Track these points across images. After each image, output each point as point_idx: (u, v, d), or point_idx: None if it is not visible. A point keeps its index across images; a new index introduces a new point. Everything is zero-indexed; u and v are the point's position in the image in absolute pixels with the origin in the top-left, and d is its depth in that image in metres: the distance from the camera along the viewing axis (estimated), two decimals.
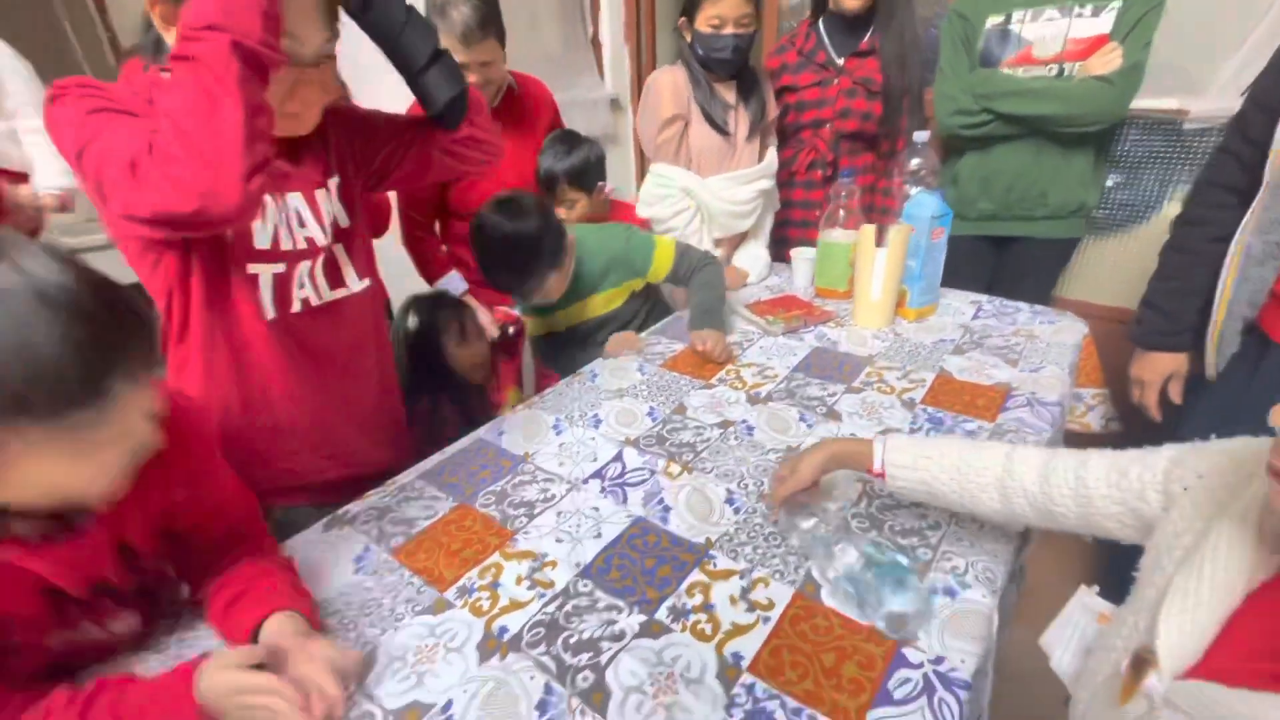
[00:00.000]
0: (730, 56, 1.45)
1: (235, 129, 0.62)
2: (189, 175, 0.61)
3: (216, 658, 0.59)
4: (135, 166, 0.62)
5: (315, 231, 0.87)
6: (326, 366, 0.94)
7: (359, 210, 0.94)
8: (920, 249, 1.31)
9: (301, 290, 0.88)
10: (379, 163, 0.94)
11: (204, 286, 0.80)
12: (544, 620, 0.71)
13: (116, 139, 0.66)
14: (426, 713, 0.62)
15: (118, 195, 0.65)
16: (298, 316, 0.88)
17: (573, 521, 0.87)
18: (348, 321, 0.96)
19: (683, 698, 0.62)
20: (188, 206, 0.62)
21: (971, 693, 0.63)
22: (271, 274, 0.84)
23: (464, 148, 0.94)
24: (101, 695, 0.57)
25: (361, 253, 0.96)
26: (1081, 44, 1.46)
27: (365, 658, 0.67)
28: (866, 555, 0.72)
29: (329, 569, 0.81)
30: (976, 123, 1.55)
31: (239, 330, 0.85)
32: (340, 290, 0.93)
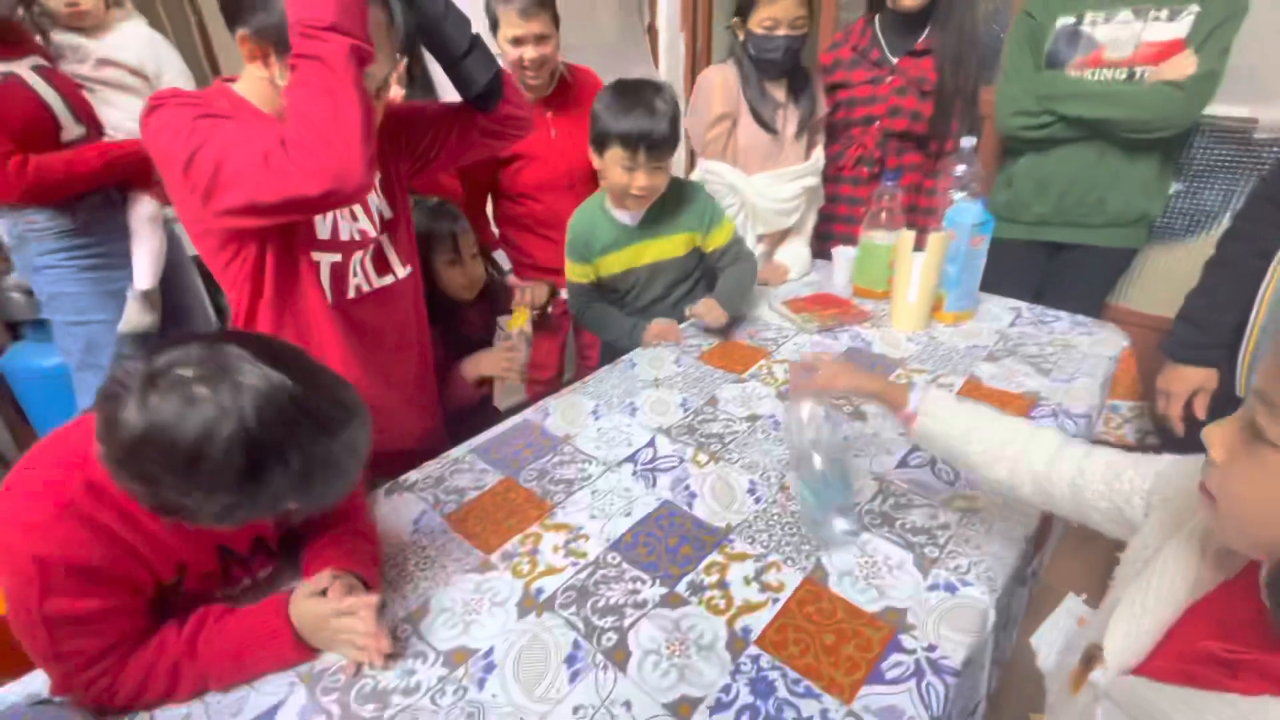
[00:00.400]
0: (781, 58, 1.48)
1: (356, 120, 0.73)
2: (322, 163, 0.72)
3: (299, 590, 0.71)
4: (269, 159, 0.73)
5: (366, 224, 0.96)
6: (377, 347, 1.04)
7: (401, 202, 1.03)
8: (959, 255, 1.33)
9: (355, 278, 0.98)
10: (421, 150, 1.03)
11: (276, 273, 0.90)
12: (576, 585, 0.80)
13: (238, 137, 0.75)
14: (472, 655, 0.72)
15: (241, 186, 0.74)
16: (352, 302, 0.98)
17: (606, 500, 0.95)
18: (395, 306, 1.06)
19: (694, 661, 0.70)
20: (320, 188, 0.73)
21: (960, 681, 0.69)
22: (330, 263, 0.93)
23: (502, 125, 1.03)
24: (206, 625, 0.69)
25: (405, 241, 1.05)
26: (1155, 48, 1.42)
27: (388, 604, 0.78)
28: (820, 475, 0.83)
29: (391, 529, 0.91)
30: (1038, 124, 1.53)
31: (305, 313, 0.95)
32: (388, 277, 1.03)
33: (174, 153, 0.75)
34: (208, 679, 0.67)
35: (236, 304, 0.93)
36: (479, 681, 0.69)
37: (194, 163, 0.75)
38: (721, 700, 0.66)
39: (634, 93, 1.25)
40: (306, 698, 0.68)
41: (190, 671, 0.66)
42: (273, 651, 0.69)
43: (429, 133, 1.02)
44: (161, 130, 0.77)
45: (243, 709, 0.67)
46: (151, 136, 0.78)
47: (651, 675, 0.69)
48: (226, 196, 0.75)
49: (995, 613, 0.76)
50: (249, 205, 0.75)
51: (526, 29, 1.43)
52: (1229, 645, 0.44)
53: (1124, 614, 0.51)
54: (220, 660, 0.67)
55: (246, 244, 0.86)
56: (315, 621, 0.69)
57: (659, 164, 1.27)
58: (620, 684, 0.68)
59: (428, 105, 1.05)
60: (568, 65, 1.64)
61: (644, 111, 1.22)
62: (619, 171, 1.28)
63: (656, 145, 1.24)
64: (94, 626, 0.63)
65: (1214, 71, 1.36)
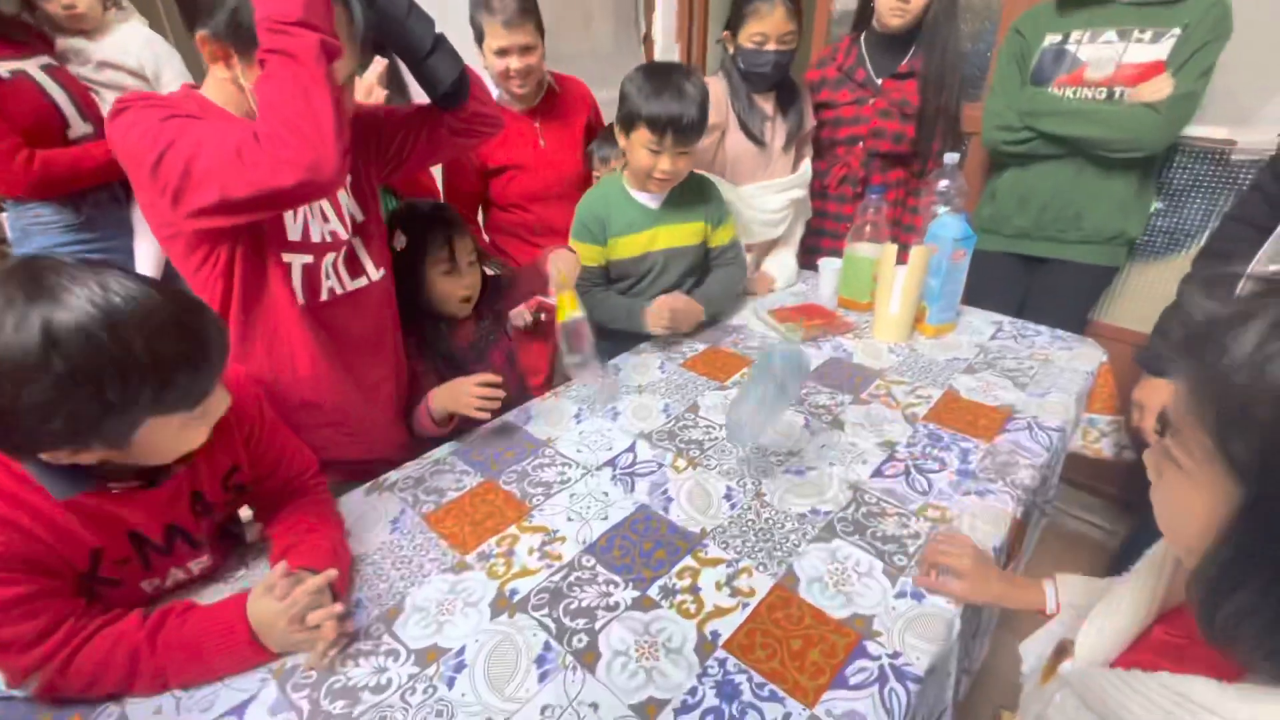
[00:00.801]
0: (770, 72, 1.50)
1: (328, 112, 0.74)
2: (295, 153, 0.73)
3: (255, 588, 0.72)
4: (241, 153, 0.73)
5: (338, 226, 0.97)
6: (350, 350, 1.04)
7: (373, 205, 1.04)
8: (942, 269, 1.35)
9: (328, 281, 0.98)
10: (392, 152, 1.04)
11: (246, 274, 0.90)
12: (549, 587, 0.81)
13: (207, 136, 0.76)
14: (443, 655, 0.72)
15: (212, 183, 0.74)
16: (325, 305, 0.98)
17: (584, 503, 0.96)
18: (368, 309, 1.06)
19: (662, 664, 0.71)
20: (294, 179, 0.73)
21: (923, 688, 0.70)
22: (301, 264, 0.94)
23: (471, 123, 1.03)
24: (169, 619, 0.70)
25: (376, 244, 1.06)
26: (1136, 69, 1.45)
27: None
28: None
29: (369, 527, 0.92)
30: (1019, 139, 1.56)
31: (274, 314, 0.94)
32: (360, 279, 1.03)
33: (141, 154, 0.75)
34: (167, 674, 0.68)
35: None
36: (449, 680, 0.70)
37: (163, 162, 0.75)
38: (687, 703, 0.67)
39: (664, 75, 1.25)
40: (277, 693, 0.68)
41: (149, 664, 0.67)
42: (230, 649, 0.69)
43: (398, 134, 1.03)
44: (128, 132, 0.77)
45: (214, 704, 0.67)
46: (119, 139, 0.78)
47: (620, 677, 0.70)
48: (197, 195, 0.75)
49: (961, 621, 0.77)
50: (221, 202, 0.75)
51: (511, 39, 1.45)
52: (1174, 631, 0.46)
53: (1099, 612, 0.53)
54: (180, 656, 0.68)
55: (217, 245, 0.86)
56: (268, 621, 0.70)
57: (685, 149, 1.28)
58: (589, 685, 0.69)
59: (397, 108, 1.06)
60: (555, 75, 1.66)
61: (674, 94, 1.22)
62: (644, 154, 1.29)
63: (684, 130, 1.25)
64: (23, 610, 0.63)
65: (1192, 93, 1.39)
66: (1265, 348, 0.34)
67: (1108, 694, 0.46)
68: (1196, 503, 0.39)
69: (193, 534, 0.78)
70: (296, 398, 1.01)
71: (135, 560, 0.73)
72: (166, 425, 0.64)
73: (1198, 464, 0.39)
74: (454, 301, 1.19)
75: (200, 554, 0.81)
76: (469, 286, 1.19)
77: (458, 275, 1.17)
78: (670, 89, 1.23)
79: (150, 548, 0.74)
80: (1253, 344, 0.35)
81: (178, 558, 0.78)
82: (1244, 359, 0.35)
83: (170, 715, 0.66)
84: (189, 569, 0.80)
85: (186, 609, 0.71)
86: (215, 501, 0.80)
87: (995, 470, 1.00)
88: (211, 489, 0.79)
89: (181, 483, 0.75)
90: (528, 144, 1.62)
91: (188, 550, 0.79)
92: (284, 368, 0.98)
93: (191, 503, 0.77)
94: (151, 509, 0.72)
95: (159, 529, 0.74)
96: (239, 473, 0.82)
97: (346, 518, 0.93)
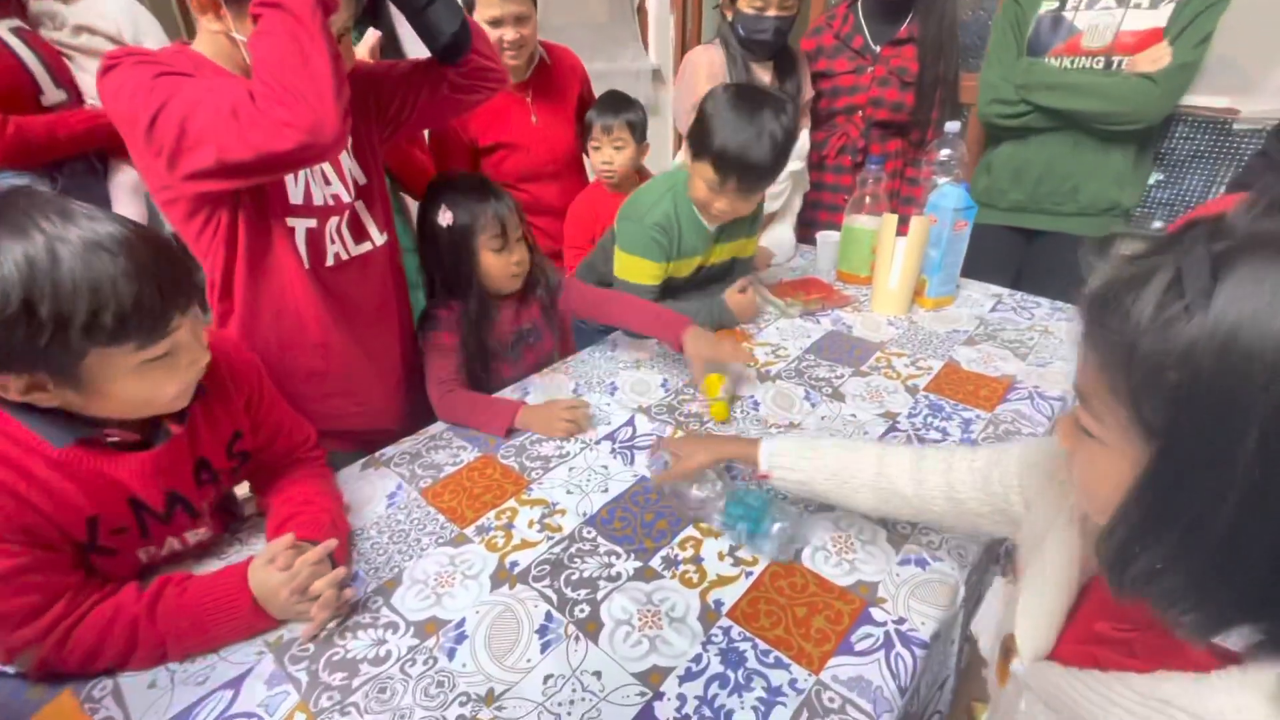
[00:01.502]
0: (770, 38, 1.47)
1: (326, 69, 0.70)
2: (294, 115, 0.70)
3: (257, 558, 0.70)
4: (237, 113, 0.70)
5: (340, 189, 0.94)
6: (357, 316, 1.03)
7: (374, 167, 1.01)
8: (942, 240, 1.33)
9: (333, 245, 0.96)
10: (393, 112, 1.00)
11: (249, 239, 0.88)
12: (550, 559, 0.80)
13: (202, 93, 0.72)
14: (442, 626, 0.71)
15: (209, 145, 0.71)
16: (331, 270, 0.97)
17: (583, 476, 0.95)
18: (374, 274, 1.04)
19: (665, 633, 0.70)
20: (293, 142, 0.70)
21: (929, 653, 0.69)
22: (305, 228, 0.92)
23: (473, 78, 0.99)
24: (167, 589, 0.68)
25: (380, 208, 1.03)
26: (1134, 37, 1.43)
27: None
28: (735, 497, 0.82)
29: (366, 502, 0.91)
30: (1014, 113, 1.54)
31: (279, 279, 0.92)
32: (365, 244, 1.01)
33: (135, 114, 0.72)
34: (166, 645, 0.66)
35: (211, 273, 0.91)
36: (449, 651, 0.68)
37: (158, 123, 0.72)
38: (691, 670, 0.66)
39: (752, 107, 1.09)
40: (274, 666, 0.67)
41: (149, 635, 0.65)
42: (232, 618, 0.68)
43: (398, 93, 0.99)
44: (120, 90, 0.73)
45: (209, 677, 0.66)
46: (110, 97, 0.75)
47: (623, 646, 0.69)
48: (194, 158, 0.72)
49: (965, 588, 0.77)
50: (218, 165, 0.72)
51: (504, 9, 1.40)
52: (1119, 624, 0.45)
53: (1026, 602, 0.52)
54: (180, 626, 0.66)
55: (217, 209, 0.84)
56: (270, 591, 0.68)
57: (750, 196, 1.18)
58: (591, 654, 0.68)
59: (395, 65, 1.02)
60: (545, 45, 1.61)
61: (753, 136, 1.08)
62: (703, 186, 1.18)
63: (752, 178, 1.13)
64: (19, 582, 0.61)
65: (1190, 63, 1.37)
66: (1166, 309, 0.33)
67: (1079, 704, 0.44)
68: (1109, 468, 0.39)
69: (194, 503, 0.77)
70: (305, 366, 1.00)
71: (133, 528, 0.71)
72: (117, 362, 0.60)
73: (1108, 430, 0.38)
74: (504, 278, 1.15)
75: (198, 525, 0.79)
76: (519, 263, 1.15)
77: (508, 251, 1.13)
78: (753, 127, 1.08)
79: (149, 515, 0.72)
80: (1153, 305, 0.34)
81: (176, 526, 0.76)
82: (1147, 322, 0.34)
83: (165, 689, 0.65)
84: (185, 539, 0.78)
85: (185, 579, 0.70)
86: (221, 469, 0.79)
87: (997, 440, 0.99)
88: (216, 456, 0.78)
89: (183, 448, 0.73)
90: (520, 120, 1.57)
91: (187, 520, 0.77)
92: (293, 334, 0.96)
93: (196, 470, 0.76)
94: (151, 473, 0.70)
95: (159, 495, 0.72)
96: (242, 439, 0.81)
97: (342, 492, 0.92)
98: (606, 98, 1.58)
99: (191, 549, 0.80)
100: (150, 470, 0.70)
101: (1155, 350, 0.33)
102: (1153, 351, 0.33)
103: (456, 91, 1.00)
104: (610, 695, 0.64)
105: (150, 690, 0.65)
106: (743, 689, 0.64)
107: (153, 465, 0.70)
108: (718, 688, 0.64)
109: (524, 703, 0.63)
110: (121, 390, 0.62)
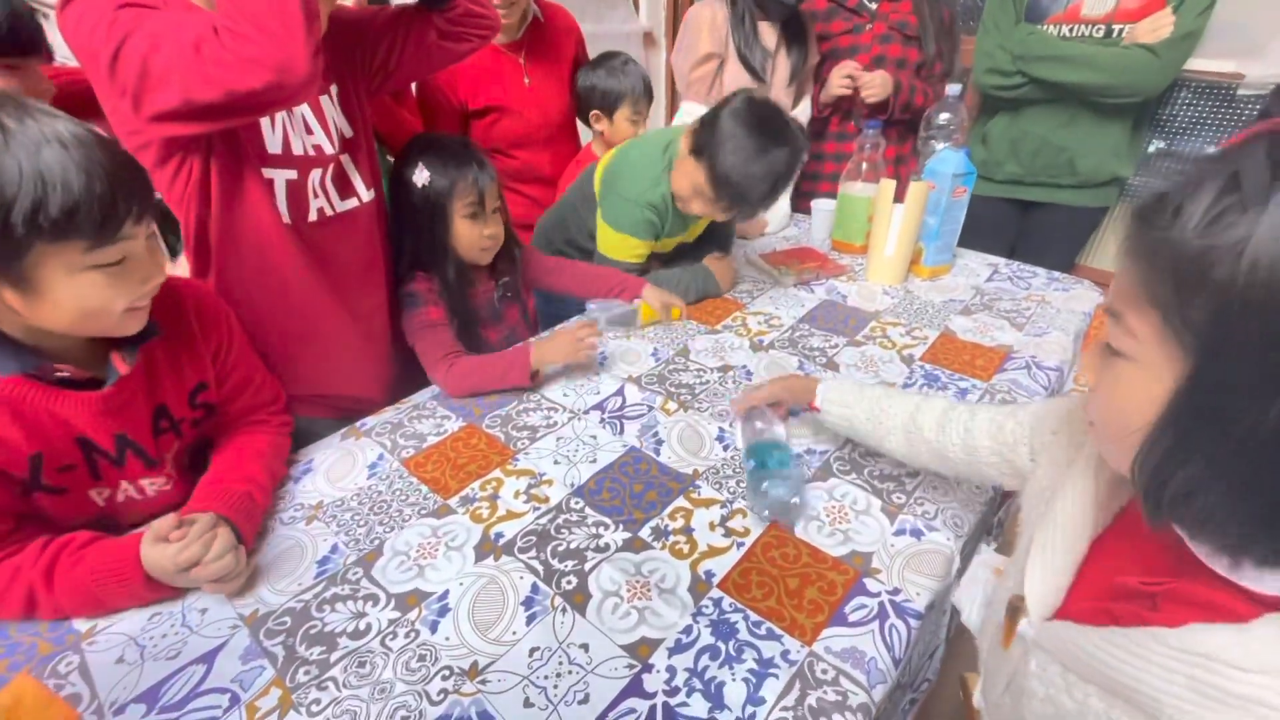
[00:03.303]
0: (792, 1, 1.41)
1: (297, 5, 0.65)
2: (262, 52, 0.65)
3: (146, 534, 0.66)
4: (200, 48, 0.65)
5: (323, 140, 0.89)
6: (342, 276, 0.99)
7: (361, 120, 0.96)
8: (940, 207, 1.30)
9: (316, 200, 0.91)
10: (379, 61, 0.95)
11: (223, 189, 0.83)
12: (536, 530, 0.78)
13: (165, 27, 0.67)
14: (425, 599, 0.69)
15: (173, 83, 0.67)
16: (314, 226, 0.92)
17: (571, 446, 0.92)
18: (360, 232, 1.00)
19: (655, 604, 0.68)
20: (261, 81, 0.66)
21: (923, 623, 0.68)
22: (285, 180, 0.87)
23: (462, 25, 0.94)
24: (63, 555, 0.65)
25: (366, 163, 0.98)
26: (1136, 3, 1.38)
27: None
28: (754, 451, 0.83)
29: (346, 471, 0.88)
30: (1010, 84, 1.50)
31: (259, 234, 0.88)
32: (351, 200, 0.97)
33: (96, 48, 0.67)
34: (65, 611, 0.65)
35: (185, 224, 0.86)
36: (431, 624, 0.66)
37: (120, 59, 0.67)
38: (681, 641, 0.64)
39: (761, 136, 1.04)
40: (249, 640, 0.65)
41: (47, 601, 0.64)
42: (128, 590, 0.66)
43: (383, 41, 0.94)
44: (80, 23, 0.68)
45: (180, 651, 0.63)
46: (70, 30, 0.69)
47: (611, 618, 0.67)
48: (159, 97, 0.68)
49: (960, 558, 0.75)
50: (184, 105, 0.68)
51: None
52: (1147, 578, 0.43)
53: (1037, 558, 0.50)
54: (75, 598, 0.65)
55: (190, 155, 0.79)
56: (159, 569, 0.65)
57: (732, 215, 1.17)
58: (579, 626, 0.66)
59: (380, 11, 0.97)
60: (540, 3, 1.53)
61: (761, 168, 1.05)
62: (689, 186, 1.14)
63: (748, 205, 1.12)
64: None
65: (1192, 33, 1.33)
66: (1221, 202, 0.32)
67: (1105, 663, 0.41)
68: (1142, 388, 0.38)
69: (148, 451, 0.73)
70: (290, 328, 0.96)
71: (82, 467, 0.68)
72: (65, 260, 0.56)
73: (1143, 345, 0.37)
74: (475, 250, 1.10)
75: (156, 474, 0.76)
76: (492, 236, 1.10)
77: (482, 222, 1.08)
78: (764, 163, 1.05)
79: (99, 454, 0.69)
80: (1208, 201, 0.33)
81: (130, 471, 0.73)
82: (1200, 217, 0.33)
83: (134, 664, 0.62)
84: (141, 487, 0.75)
85: (84, 544, 0.66)
86: (182, 419, 0.76)
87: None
88: (178, 404, 0.75)
89: (139, 392, 0.70)
90: (512, 82, 1.50)
91: (141, 467, 0.74)
92: (274, 293, 0.93)
93: (154, 417, 0.72)
94: (101, 413, 0.67)
95: (108, 437, 0.69)
96: (207, 390, 0.78)
97: (320, 464, 0.89)
98: (600, 59, 1.51)
99: (153, 500, 0.77)
100: (98, 410, 0.67)
101: (1205, 246, 0.32)
102: (1203, 248, 0.32)
103: (445, 39, 0.94)
104: (598, 668, 0.62)
105: (117, 665, 0.62)
106: (734, 661, 0.62)
107: (101, 405, 0.67)
108: (708, 659, 0.62)
109: (509, 676, 0.61)
110: (67, 295, 0.58)
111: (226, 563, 0.66)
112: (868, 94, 1.55)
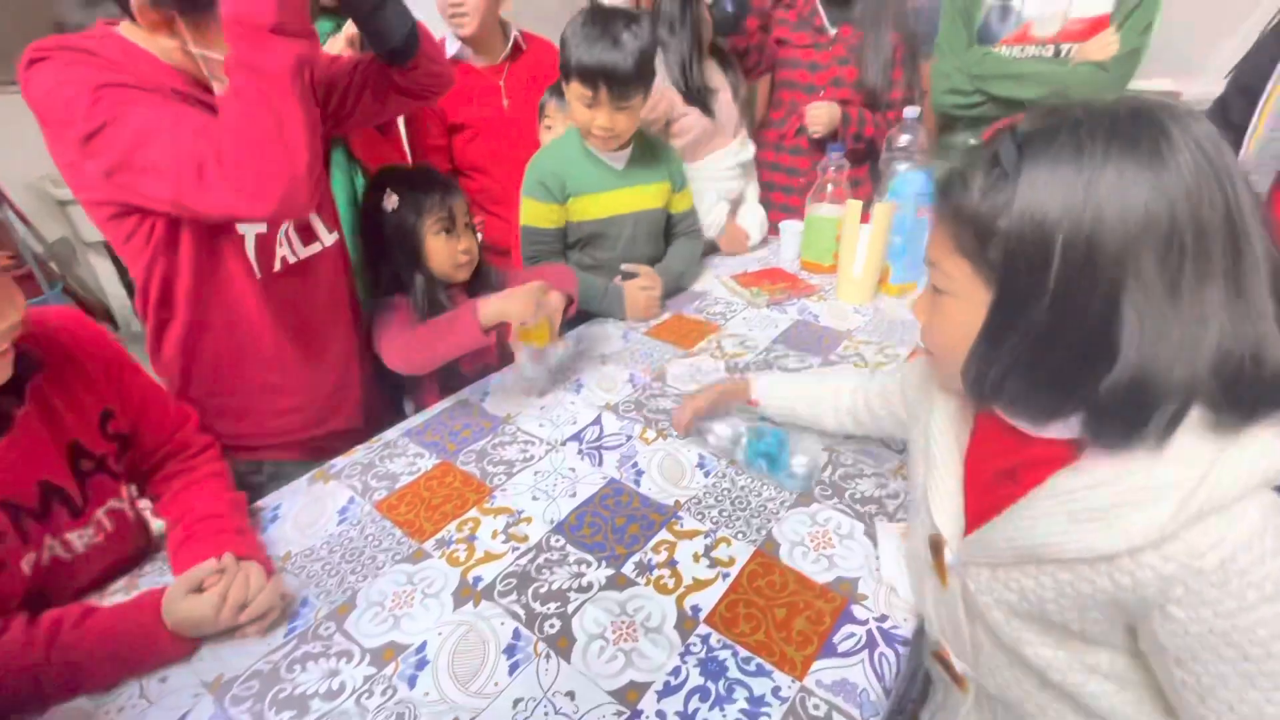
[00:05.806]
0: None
1: (301, 139, 0.67)
2: (264, 187, 0.66)
3: (172, 589, 0.65)
4: (203, 171, 0.66)
5: None
6: (307, 324, 0.97)
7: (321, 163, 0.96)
8: (905, 226, 1.33)
9: (281, 249, 0.90)
10: (333, 108, 0.96)
11: (194, 247, 0.82)
12: (516, 571, 0.75)
13: (153, 125, 0.67)
14: (402, 652, 0.66)
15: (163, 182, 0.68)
16: (279, 276, 0.91)
17: (549, 481, 0.90)
18: (323, 277, 0.99)
19: (641, 645, 0.66)
20: (265, 210, 0.68)
21: (911, 649, 0.68)
22: (255, 234, 0.86)
23: (421, 80, 0.96)
24: (61, 633, 0.61)
25: (328, 206, 0.98)
26: (1082, 24, 1.45)
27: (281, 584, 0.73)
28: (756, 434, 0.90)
29: (314, 519, 0.84)
30: (969, 103, 1.55)
31: (230, 292, 0.87)
32: (314, 245, 0.96)
33: (71, 120, 0.67)
34: (79, 684, 0.61)
35: (144, 280, 0.83)
36: (410, 679, 0.63)
37: (98, 139, 0.67)
38: (670, 684, 0.62)
39: (602, 22, 1.14)
40: (214, 708, 0.61)
41: (51, 682, 0.60)
42: (152, 652, 0.63)
43: (340, 87, 0.94)
44: (54, 92, 0.68)
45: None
46: (39, 96, 0.68)
47: (596, 662, 0.65)
48: (144, 182, 0.69)
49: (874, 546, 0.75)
50: (174, 205, 0.70)
51: None
52: (1006, 454, 0.54)
53: (935, 491, 0.60)
54: (91, 665, 0.61)
55: (149, 216, 0.77)
56: (196, 621, 0.63)
57: (623, 105, 1.19)
58: (564, 673, 0.64)
59: (338, 60, 0.97)
60: (523, 32, 1.57)
61: (608, 44, 1.12)
62: (580, 107, 1.21)
63: (619, 83, 1.15)
64: None
65: (1137, 49, 1.40)
66: (992, 174, 0.46)
67: (1028, 535, 0.50)
68: (961, 316, 0.50)
69: (72, 497, 0.70)
70: (259, 379, 0.95)
71: (12, 533, 0.64)
72: None
73: (957, 283, 0.50)
74: (450, 265, 1.11)
75: (81, 524, 0.71)
76: (467, 250, 1.11)
77: (455, 236, 1.10)
78: (606, 38, 1.13)
79: (25, 514, 0.65)
80: (983, 176, 0.46)
81: (54, 526, 0.68)
82: (981, 188, 0.46)
83: None
84: (68, 541, 0.70)
85: (83, 616, 0.63)
86: (100, 454, 0.72)
87: None
88: (90, 439, 0.72)
89: (42, 432, 0.67)
90: (490, 102, 1.53)
91: (67, 518, 0.69)
92: (247, 348, 0.91)
93: (71, 458, 0.69)
94: (15, 464, 0.64)
95: (31, 487, 0.66)
96: (115, 418, 0.75)
97: (287, 512, 0.85)
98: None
99: (82, 556, 0.72)
100: (11, 462, 0.63)
101: (990, 207, 0.46)
102: (988, 209, 0.46)
103: (403, 94, 0.96)
104: (584, 717, 0.60)
105: None
106: (724, 701, 0.61)
107: (11, 455, 0.64)
108: (698, 701, 0.61)
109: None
110: None
111: (271, 594, 0.66)
112: (813, 128, 1.59)
